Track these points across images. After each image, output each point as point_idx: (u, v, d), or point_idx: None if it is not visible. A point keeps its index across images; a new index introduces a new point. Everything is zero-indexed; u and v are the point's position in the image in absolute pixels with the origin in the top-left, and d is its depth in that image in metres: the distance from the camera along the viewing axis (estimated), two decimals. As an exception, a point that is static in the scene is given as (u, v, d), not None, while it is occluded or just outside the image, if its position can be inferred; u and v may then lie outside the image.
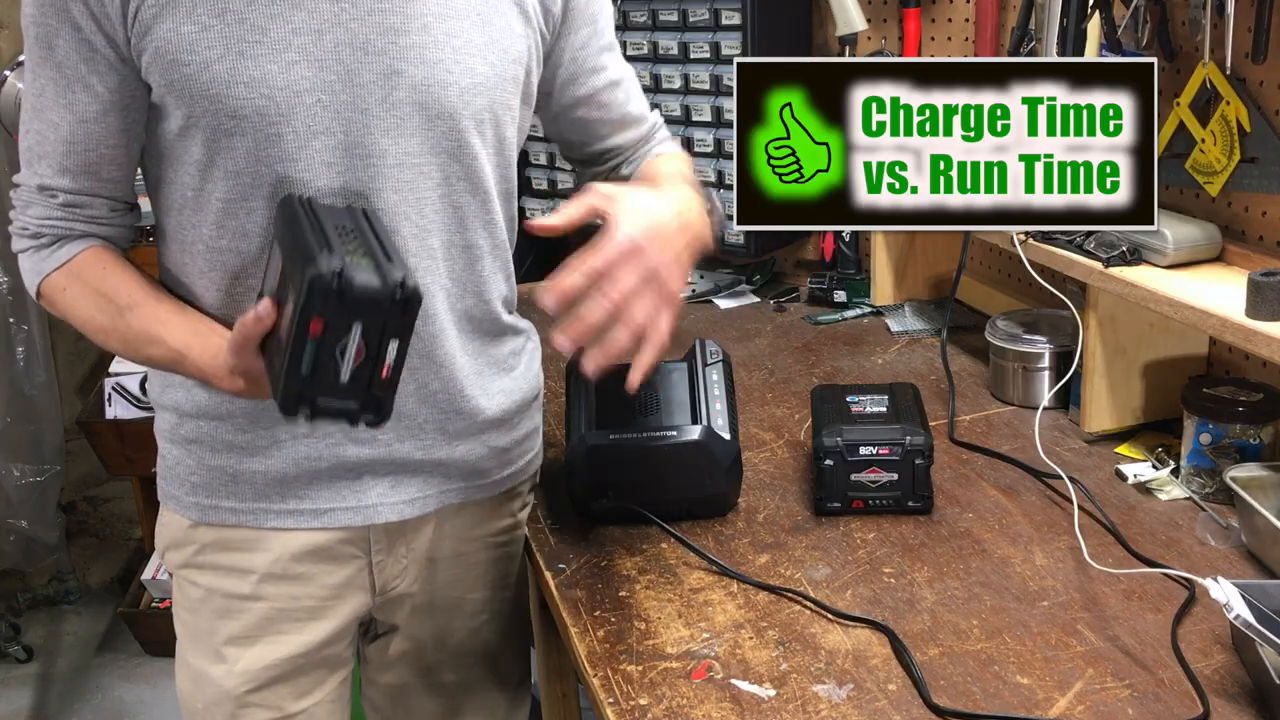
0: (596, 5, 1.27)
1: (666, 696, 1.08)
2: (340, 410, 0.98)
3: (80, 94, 1.09)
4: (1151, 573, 1.22)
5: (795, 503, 1.41)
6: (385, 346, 0.97)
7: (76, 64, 1.07)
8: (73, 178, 1.13)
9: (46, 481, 2.98)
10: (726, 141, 2.10)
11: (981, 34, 1.93)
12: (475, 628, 1.38)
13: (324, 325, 0.94)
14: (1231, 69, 1.42)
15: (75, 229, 1.15)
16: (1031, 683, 1.07)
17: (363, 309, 0.95)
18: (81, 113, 1.10)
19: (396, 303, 0.96)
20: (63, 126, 1.10)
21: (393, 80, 1.10)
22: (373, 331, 0.96)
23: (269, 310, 1.00)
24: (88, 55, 1.07)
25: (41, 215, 1.15)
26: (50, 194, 1.13)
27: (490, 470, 1.31)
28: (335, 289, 0.93)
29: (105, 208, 1.16)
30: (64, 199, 1.14)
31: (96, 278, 1.15)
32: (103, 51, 1.07)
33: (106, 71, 1.08)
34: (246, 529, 1.23)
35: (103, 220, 1.17)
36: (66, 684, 2.87)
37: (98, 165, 1.13)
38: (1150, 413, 1.56)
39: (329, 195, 1.11)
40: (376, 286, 0.95)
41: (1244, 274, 1.32)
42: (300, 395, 0.96)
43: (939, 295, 2.07)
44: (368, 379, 0.97)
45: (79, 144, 1.11)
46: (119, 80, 1.09)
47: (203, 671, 1.26)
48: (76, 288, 1.15)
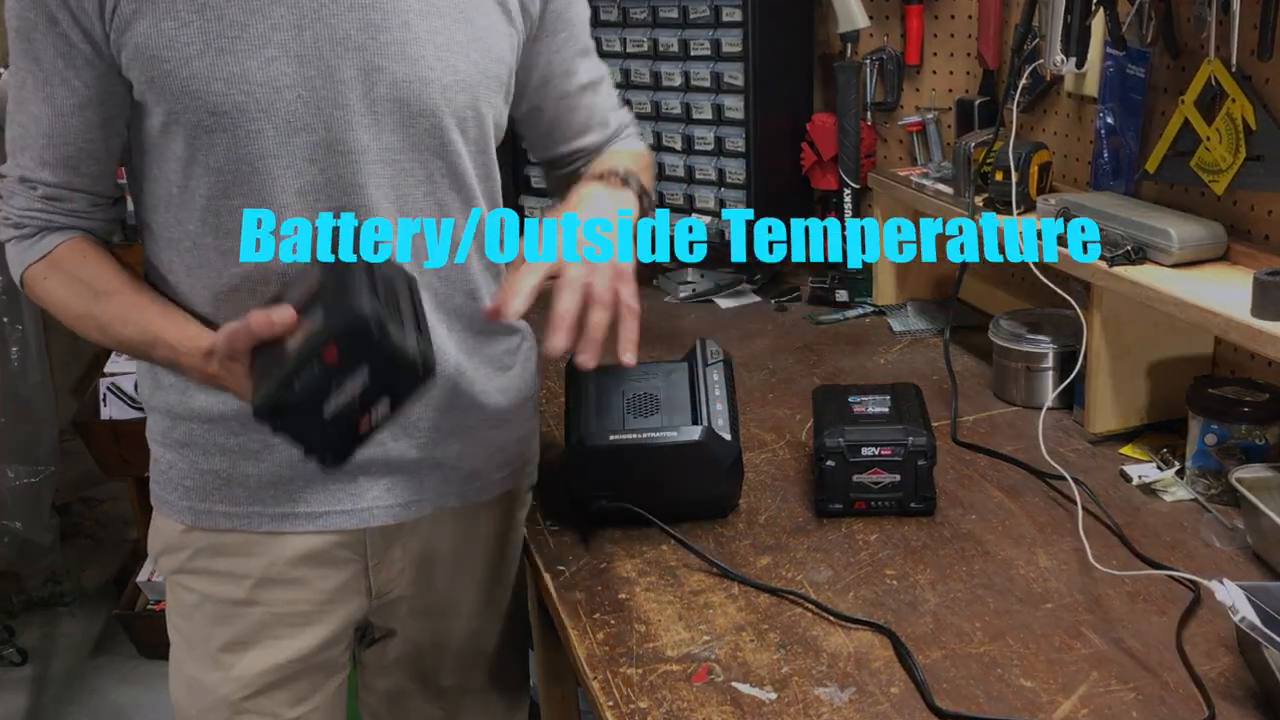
0: (574, 9, 1.27)
1: (667, 699, 1.07)
2: (305, 437, 1.00)
3: (58, 88, 1.09)
4: (1156, 575, 1.22)
5: (796, 504, 1.41)
6: (378, 403, 1.00)
7: (54, 59, 1.07)
8: (52, 171, 1.13)
9: (41, 482, 2.96)
10: (727, 139, 2.09)
11: (985, 31, 1.93)
12: (473, 631, 1.37)
13: (339, 357, 0.96)
14: (1237, 66, 1.41)
15: (56, 221, 1.16)
16: (1035, 686, 1.07)
17: (381, 362, 0.98)
18: (59, 107, 1.10)
19: (414, 373, 1.00)
20: (42, 120, 1.11)
21: (373, 76, 1.10)
22: (376, 384, 0.99)
23: (288, 318, 0.99)
24: (65, 50, 1.07)
25: (24, 207, 1.15)
26: (31, 186, 1.14)
27: (487, 471, 1.31)
28: (372, 333, 0.96)
29: (85, 202, 1.16)
30: (44, 191, 1.14)
31: (75, 266, 1.15)
32: (80, 47, 1.07)
33: (84, 67, 1.08)
34: (241, 533, 1.22)
35: (83, 214, 1.17)
36: (61, 687, 2.85)
37: (76, 160, 1.13)
38: (1155, 413, 1.56)
39: (311, 192, 1.11)
40: (409, 352, 0.99)
41: (1249, 273, 1.32)
42: (280, 407, 0.98)
43: (942, 295, 2.07)
44: (346, 423, 1.00)
45: (57, 138, 1.11)
46: (96, 76, 1.08)
47: (198, 678, 1.25)
48: (56, 276, 1.15)
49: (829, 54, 2.17)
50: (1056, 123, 1.84)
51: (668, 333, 2.01)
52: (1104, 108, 1.67)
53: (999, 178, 1.69)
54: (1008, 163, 1.66)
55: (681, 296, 2.19)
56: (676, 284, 2.22)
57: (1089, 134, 1.75)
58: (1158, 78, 1.59)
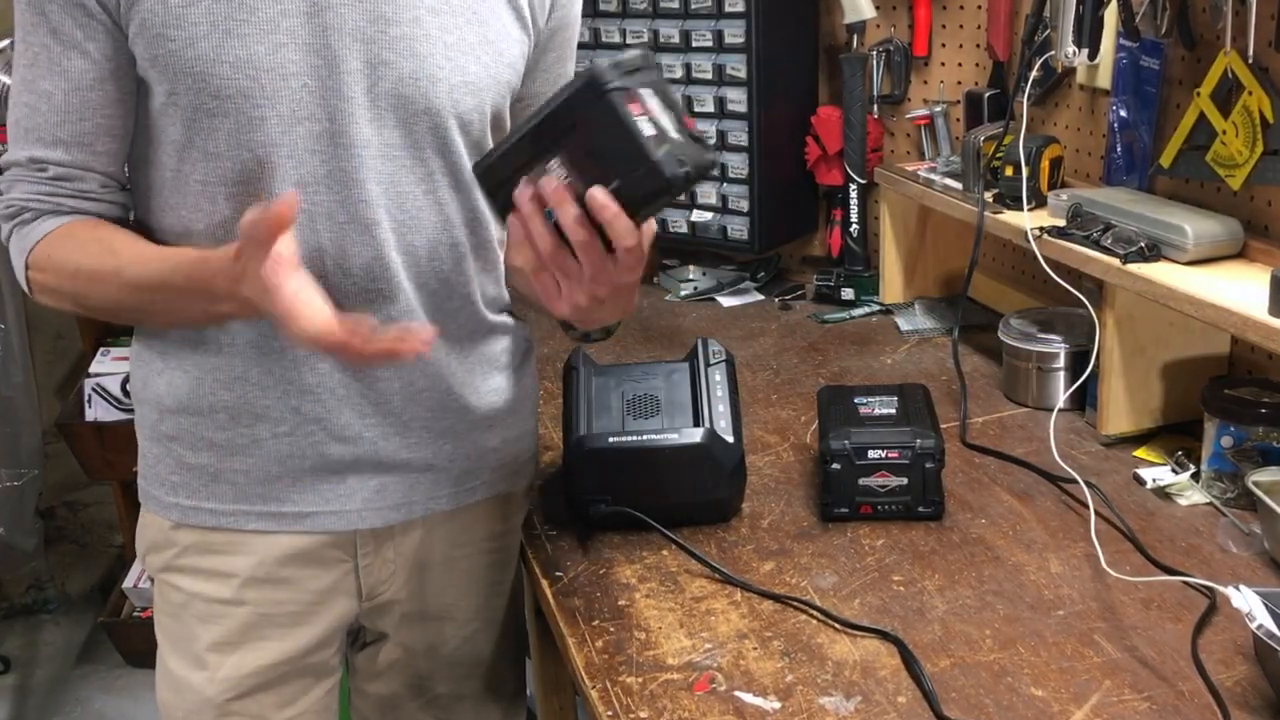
0: (573, 29, 1.28)
1: (668, 709, 1.07)
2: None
3: (76, 60, 1.07)
4: (1171, 581, 1.21)
5: (801, 508, 1.40)
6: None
7: (71, 29, 1.06)
8: (66, 149, 1.11)
9: (24, 486, 2.93)
10: (730, 133, 2.08)
11: (995, 23, 1.93)
12: (468, 637, 1.36)
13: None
14: (1254, 58, 1.41)
15: (64, 205, 1.13)
16: (1046, 695, 1.06)
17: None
18: (77, 80, 1.08)
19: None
20: (56, 95, 1.09)
21: (379, 70, 1.10)
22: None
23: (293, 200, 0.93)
24: (82, 20, 1.06)
25: (28, 191, 1.12)
26: (40, 167, 1.11)
27: (480, 472, 1.30)
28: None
29: (96, 182, 1.14)
30: (54, 171, 1.12)
31: (87, 231, 1.12)
32: (97, 16, 1.06)
33: (102, 37, 1.07)
34: (228, 532, 1.21)
35: (93, 195, 1.14)
36: (45, 696, 2.84)
37: (93, 136, 1.11)
38: (1169, 414, 1.55)
39: (311, 183, 1.11)
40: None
41: (1267, 270, 1.32)
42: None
43: (950, 293, 2.06)
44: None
45: (74, 112, 1.09)
46: (114, 46, 1.07)
47: (183, 679, 1.25)
48: (65, 245, 1.12)
49: (834, 45, 2.16)
50: (1068, 116, 1.84)
51: (668, 332, 2.00)
52: (1117, 100, 1.66)
53: (1009, 172, 1.68)
54: (1018, 157, 1.65)
55: (683, 294, 2.18)
56: (678, 282, 2.21)
57: (1101, 128, 1.74)
58: (1172, 70, 1.59)
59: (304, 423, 1.17)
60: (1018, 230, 1.61)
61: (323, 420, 1.17)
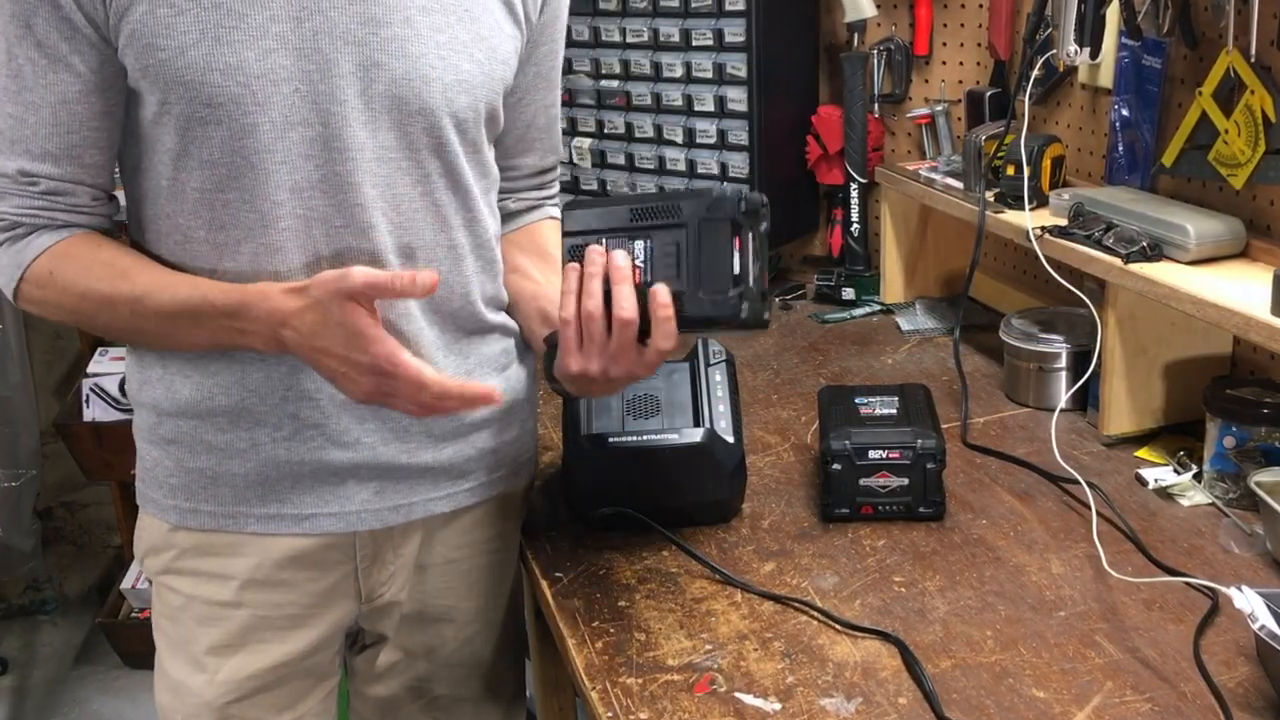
0: (563, 20, 1.28)
1: (668, 710, 1.06)
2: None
3: (62, 73, 1.07)
4: (1173, 581, 1.21)
5: (801, 508, 1.40)
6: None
7: (57, 42, 1.06)
8: (55, 162, 1.10)
9: (22, 486, 2.92)
10: (730, 132, 2.07)
11: (996, 21, 1.93)
12: (468, 638, 1.36)
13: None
14: (1256, 57, 1.41)
15: (57, 219, 1.13)
16: (1048, 696, 1.06)
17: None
18: (63, 93, 1.08)
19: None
20: (43, 108, 1.08)
21: (372, 73, 1.10)
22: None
23: (429, 281, 1.02)
24: (69, 34, 1.05)
25: (20, 205, 1.12)
26: (31, 180, 1.11)
27: (479, 473, 1.29)
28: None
29: (87, 196, 1.14)
30: (46, 186, 1.11)
31: (91, 252, 1.12)
32: (83, 30, 1.05)
33: (88, 50, 1.06)
34: (227, 533, 1.21)
35: (84, 209, 1.14)
36: (42, 697, 2.83)
37: (81, 149, 1.10)
38: (1171, 415, 1.55)
39: (306, 187, 1.10)
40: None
41: (1269, 270, 1.31)
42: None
43: (951, 292, 2.06)
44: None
45: (62, 126, 1.09)
46: (100, 60, 1.07)
47: (182, 682, 1.24)
48: (70, 265, 1.11)
49: (835, 44, 2.16)
50: (1070, 115, 1.83)
51: (670, 331, 1.99)
52: (1119, 99, 1.66)
53: (1010, 172, 1.68)
54: (1019, 156, 1.65)
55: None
56: (679, 281, 2.19)
57: (1103, 127, 1.74)
58: (1174, 68, 1.58)
59: (303, 428, 1.17)
60: (1019, 230, 1.61)
61: (322, 426, 1.17)
